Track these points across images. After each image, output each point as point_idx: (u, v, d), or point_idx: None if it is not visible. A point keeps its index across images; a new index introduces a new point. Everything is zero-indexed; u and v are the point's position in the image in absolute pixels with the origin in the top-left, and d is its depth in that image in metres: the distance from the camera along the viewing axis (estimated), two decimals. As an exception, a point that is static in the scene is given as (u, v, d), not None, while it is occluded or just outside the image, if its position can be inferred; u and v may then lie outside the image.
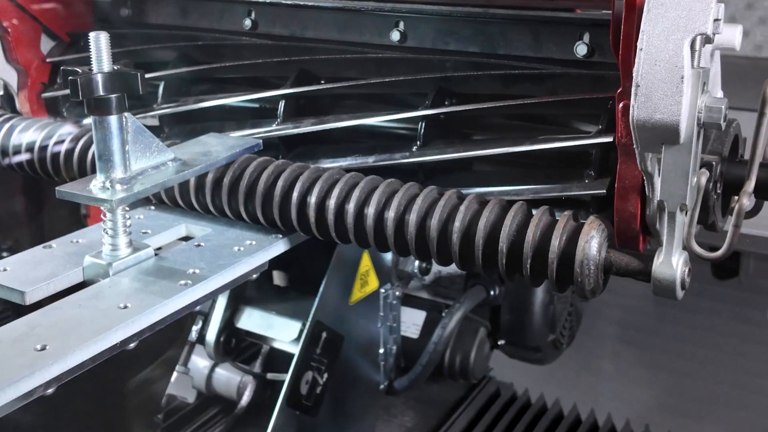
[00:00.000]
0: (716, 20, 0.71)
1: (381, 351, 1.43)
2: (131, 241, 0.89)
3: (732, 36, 0.79)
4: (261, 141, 1.01)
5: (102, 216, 0.87)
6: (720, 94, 0.94)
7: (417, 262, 1.49)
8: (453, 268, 1.13)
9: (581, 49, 0.97)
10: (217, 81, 1.26)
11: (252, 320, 1.40)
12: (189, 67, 1.22)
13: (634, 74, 0.71)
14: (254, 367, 1.47)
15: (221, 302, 1.39)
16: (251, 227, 1.00)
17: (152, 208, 1.06)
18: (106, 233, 0.88)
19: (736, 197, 0.90)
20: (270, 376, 1.45)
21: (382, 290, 1.38)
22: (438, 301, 1.65)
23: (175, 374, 1.48)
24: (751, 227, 1.11)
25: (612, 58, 0.81)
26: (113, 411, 1.55)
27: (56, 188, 0.86)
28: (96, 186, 0.85)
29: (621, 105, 0.77)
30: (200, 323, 1.42)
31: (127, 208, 0.88)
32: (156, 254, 0.91)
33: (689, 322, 2.32)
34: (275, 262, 1.18)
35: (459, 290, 1.63)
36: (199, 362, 1.50)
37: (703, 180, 0.81)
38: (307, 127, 1.09)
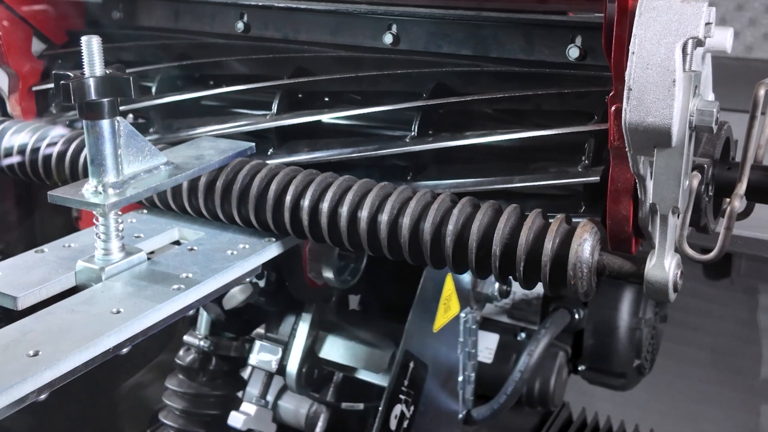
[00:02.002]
0: (707, 24, 0.71)
1: (460, 379, 1.35)
2: (124, 245, 0.89)
3: (723, 39, 0.79)
4: (254, 144, 1.01)
5: (94, 220, 0.87)
6: (711, 96, 0.95)
7: (497, 284, 1.41)
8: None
9: (573, 52, 0.98)
10: (209, 80, 1.25)
11: (335, 349, 1.35)
12: (180, 62, 1.22)
13: (626, 78, 0.71)
14: (326, 396, 1.41)
15: (302, 330, 1.35)
16: (244, 231, 0.99)
17: (144, 212, 1.06)
18: (99, 237, 0.87)
19: (728, 199, 0.90)
20: (345, 405, 1.40)
21: (462, 314, 1.32)
22: (511, 323, 1.58)
23: (253, 407, 1.44)
24: (743, 229, 1.12)
25: (604, 61, 0.81)
26: (104, 415, 1.54)
27: (48, 193, 0.85)
28: (88, 190, 0.85)
29: (613, 108, 0.77)
30: (280, 353, 1.38)
31: (120, 213, 0.88)
32: (149, 258, 0.91)
33: (681, 322, 2.33)
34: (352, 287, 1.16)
35: (535, 312, 1.57)
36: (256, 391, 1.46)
37: (695, 183, 0.81)
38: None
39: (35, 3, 1.30)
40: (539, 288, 0.83)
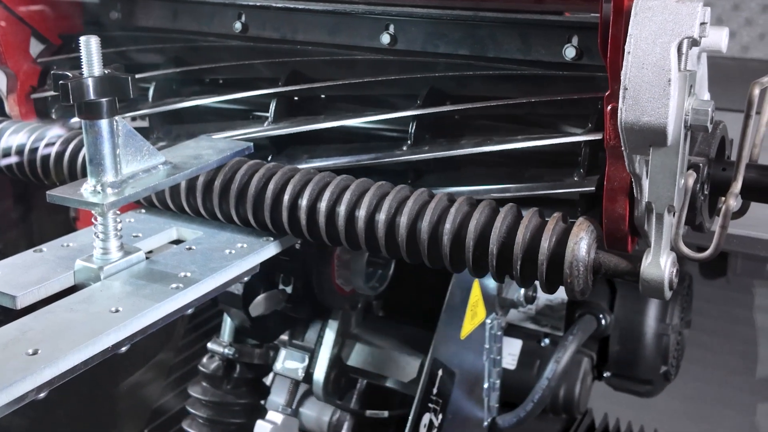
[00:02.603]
0: (703, 24, 0.72)
1: (485, 386, 1.34)
2: (122, 244, 0.89)
3: (718, 38, 0.80)
4: (252, 144, 1.01)
5: (93, 220, 0.87)
6: (707, 95, 0.95)
7: (522, 290, 1.39)
8: (553, 294, 1.12)
9: (570, 52, 0.98)
10: (207, 83, 1.26)
11: (363, 357, 1.33)
12: (179, 68, 1.22)
13: (621, 77, 0.72)
14: (350, 403, 1.40)
15: (329, 337, 1.34)
16: (242, 230, 1.00)
17: (143, 211, 1.06)
18: (97, 237, 0.88)
19: (723, 198, 0.91)
20: (369, 413, 1.38)
21: (488, 321, 1.30)
22: (534, 329, 1.56)
23: (280, 416, 1.41)
24: (738, 227, 1.12)
25: (600, 61, 0.81)
26: (103, 414, 1.54)
27: (47, 192, 0.85)
28: (87, 190, 0.85)
29: (609, 107, 0.77)
30: (306, 360, 1.36)
31: (118, 212, 0.88)
32: (147, 258, 0.91)
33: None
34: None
35: (559, 318, 1.55)
36: (278, 399, 1.44)
37: (691, 181, 0.82)
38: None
39: (33, 3, 1.30)
40: (563, 293, 0.83)
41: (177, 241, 1.01)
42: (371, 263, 1.24)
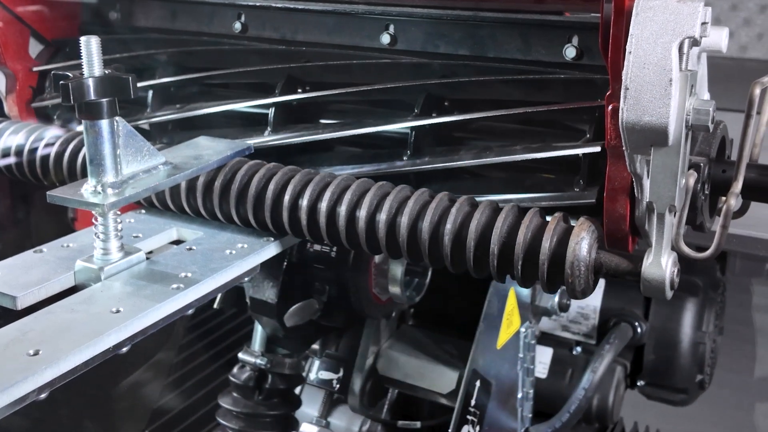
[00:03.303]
0: (704, 23, 0.72)
1: (519, 395, 1.31)
2: (123, 245, 0.89)
3: (718, 38, 0.80)
4: (252, 144, 1.01)
5: (93, 220, 0.87)
6: (707, 95, 0.95)
7: (557, 299, 1.37)
8: (584, 302, 1.09)
9: (570, 52, 0.98)
10: (207, 86, 1.25)
11: (399, 368, 1.30)
12: (178, 74, 1.21)
13: (623, 77, 0.72)
14: (381, 413, 1.37)
15: (365, 348, 1.31)
16: (242, 230, 1.00)
17: (143, 211, 1.06)
18: (98, 237, 0.87)
19: (724, 198, 0.91)
20: (401, 424, 1.36)
21: (522, 329, 1.28)
22: (564, 337, 1.53)
23: (314, 428, 1.39)
24: (737, 227, 1.12)
25: (600, 61, 0.81)
26: (103, 413, 1.54)
27: (47, 193, 0.85)
28: (87, 190, 0.85)
29: (610, 107, 0.77)
30: (341, 371, 1.34)
31: (119, 212, 0.88)
32: (147, 258, 0.91)
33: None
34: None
35: (591, 326, 1.53)
36: (309, 411, 1.41)
37: (692, 181, 0.82)
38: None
39: (32, 3, 1.30)
40: (595, 301, 0.83)
41: (177, 242, 1.01)
42: (409, 272, 1.21)
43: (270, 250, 0.97)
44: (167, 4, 1.28)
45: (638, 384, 1.57)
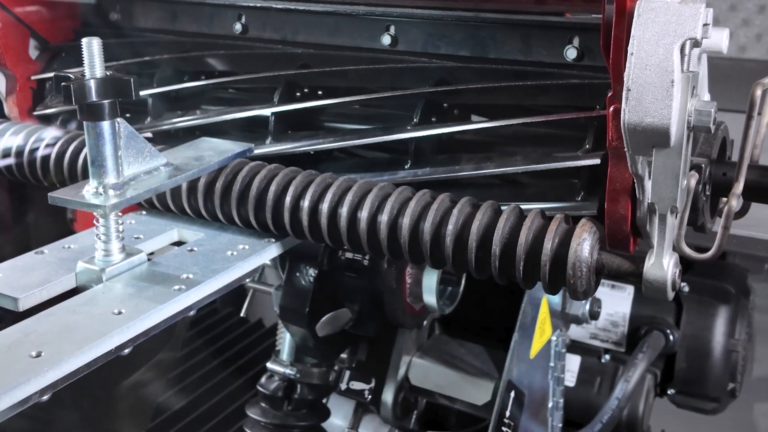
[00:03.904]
0: (705, 25, 0.72)
1: (549, 405, 1.28)
2: (124, 246, 0.89)
3: (719, 39, 0.80)
4: (253, 145, 1.01)
5: (95, 222, 0.87)
6: (707, 96, 0.95)
7: (587, 306, 1.36)
8: (613, 309, 1.07)
9: (571, 53, 0.98)
10: (208, 90, 1.25)
11: (431, 378, 1.28)
12: (178, 78, 1.22)
13: (624, 78, 0.72)
14: (410, 423, 1.36)
15: (397, 358, 1.29)
16: (244, 231, 1.00)
17: (143, 213, 1.06)
18: (99, 239, 0.87)
19: (725, 199, 0.91)
20: None
21: (553, 338, 1.26)
22: (592, 344, 1.51)
23: None
24: (737, 228, 1.12)
25: (601, 62, 0.81)
26: (104, 413, 1.54)
27: (49, 194, 0.85)
28: (89, 192, 0.85)
29: (612, 108, 0.77)
30: (373, 382, 1.31)
31: (120, 214, 0.88)
32: (149, 259, 0.91)
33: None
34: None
35: (621, 334, 1.51)
36: (336, 421, 1.39)
37: (693, 182, 0.82)
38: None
39: (33, 4, 1.29)
40: (625, 308, 0.83)
41: (178, 243, 1.01)
42: (443, 281, 1.19)
43: (271, 251, 0.97)
44: (167, 5, 1.28)
45: (668, 392, 1.55)
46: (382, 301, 1.18)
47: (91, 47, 0.81)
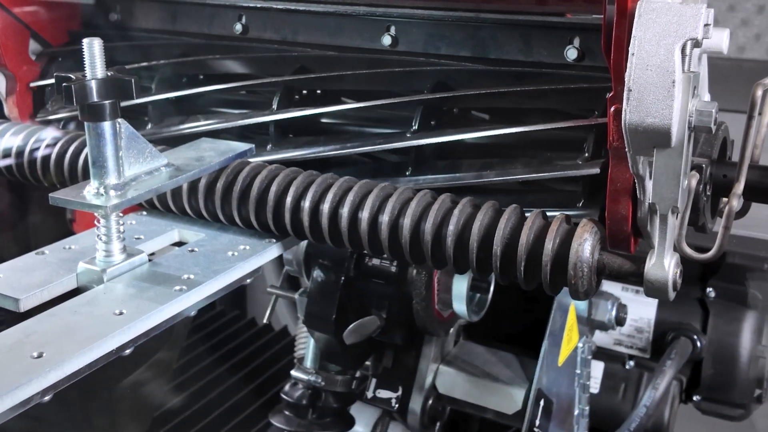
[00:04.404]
0: (706, 25, 0.72)
1: (575, 413, 1.26)
2: (125, 247, 0.89)
3: (720, 40, 0.80)
4: (254, 146, 1.01)
5: (96, 222, 0.87)
6: (707, 96, 0.95)
7: (614, 312, 1.34)
8: (637, 315, 1.05)
9: (571, 53, 0.98)
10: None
11: (459, 386, 1.26)
12: (177, 81, 1.22)
13: (626, 79, 0.72)
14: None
15: (424, 365, 1.27)
16: (244, 232, 1.00)
17: (144, 213, 1.06)
18: (100, 239, 0.87)
19: (725, 199, 0.91)
20: None
21: (580, 344, 1.25)
22: (615, 350, 1.49)
23: None
24: (737, 228, 1.12)
25: (602, 62, 0.82)
26: (103, 413, 1.54)
27: (50, 195, 0.85)
28: (90, 192, 0.85)
29: (613, 109, 0.77)
30: (400, 390, 1.28)
31: (121, 214, 0.88)
32: (150, 260, 0.91)
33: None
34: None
35: (645, 340, 1.49)
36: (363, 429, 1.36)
37: (694, 182, 0.82)
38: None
39: (32, 4, 1.29)
40: (649, 314, 0.82)
41: (179, 243, 1.01)
42: (473, 287, 1.18)
43: (272, 251, 0.97)
44: (167, 6, 1.28)
45: (694, 399, 1.53)
46: (411, 308, 1.16)
47: (92, 48, 0.81)
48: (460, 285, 1.17)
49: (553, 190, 0.98)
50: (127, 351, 0.79)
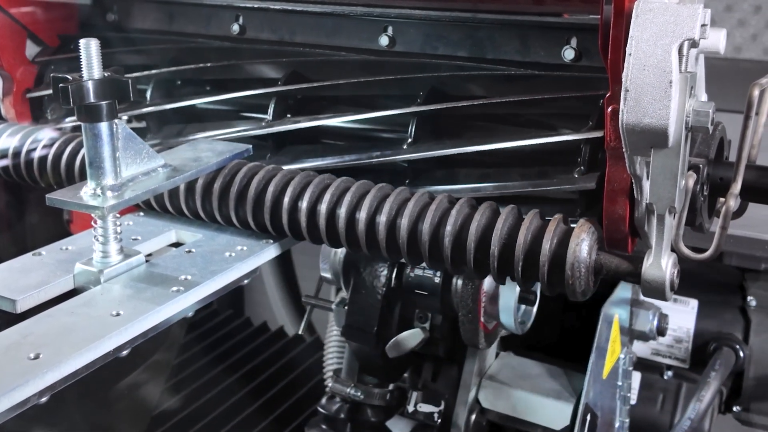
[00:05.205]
0: (703, 25, 0.72)
1: (616, 425, 1.23)
2: (122, 247, 0.89)
3: (717, 40, 0.80)
4: (251, 146, 1.01)
5: (93, 223, 0.87)
6: (704, 96, 0.96)
7: (655, 322, 1.32)
8: (676, 324, 1.04)
9: (569, 54, 0.98)
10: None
11: (504, 400, 1.22)
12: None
13: (623, 79, 0.72)
14: None
15: (468, 379, 1.24)
16: (242, 233, 0.99)
17: (141, 214, 1.06)
18: (97, 240, 0.87)
19: (722, 199, 0.91)
20: None
21: (621, 355, 1.22)
22: (652, 360, 1.46)
23: None
24: (734, 228, 1.12)
25: (599, 62, 0.82)
26: (100, 415, 1.54)
27: (47, 195, 0.85)
28: (87, 193, 0.85)
29: (610, 109, 0.78)
30: (442, 404, 1.25)
31: (118, 215, 0.88)
32: (147, 261, 0.91)
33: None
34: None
35: (685, 350, 1.46)
36: None
37: (691, 182, 0.82)
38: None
39: (29, 5, 1.29)
40: (688, 323, 0.81)
41: (176, 244, 1.01)
42: (521, 299, 1.15)
43: (269, 252, 0.97)
44: (165, 6, 1.28)
45: (734, 409, 1.50)
46: (456, 320, 1.14)
47: (89, 48, 0.81)
48: (509, 297, 1.14)
49: (551, 200, 0.98)
50: (125, 352, 0.79)
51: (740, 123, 0.82)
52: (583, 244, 0.80)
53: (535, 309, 1.19)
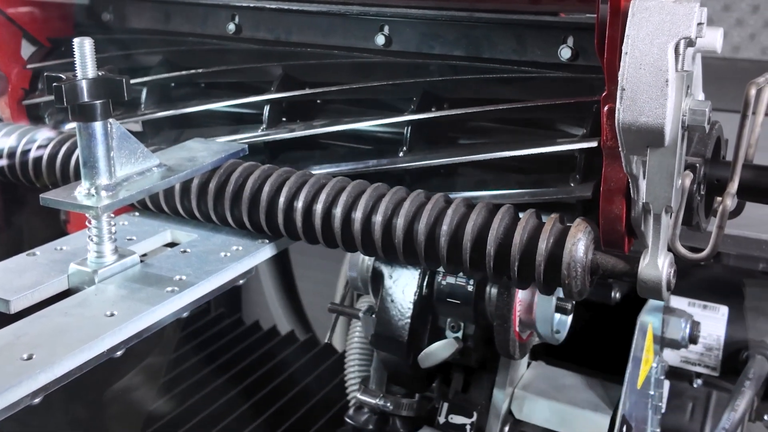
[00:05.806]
0: (699, 24, 0.72)
1: None
2: (116, 248, 0.88)
3: (713, 39, 0.80)
4: (246, 146, 1.01)
5: (87, 223, 0.86)
6: (701, 96, 0.95)
7: (687, 330, 1.30)
8: (706, 332, 1.08)
9: (565, 53, 0.98)
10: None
11: (539, 412, 1.19)
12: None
13: (619, 78, 0.72)
14: None
15: (500, 390, 1.21)
16: (237, 233, 0.99)
17: (136, 214, 1.05)
18: (91, 240, 0.87)
19: (719, 198, 0.91)
20: None
21: (654, 364, 1.20)
22: (681, 368, 1.43)
23: None
24: (731, 227, 1.12)
25: (595, 61, 0.81)
26: (94, 418, 1.53)
27: (41, 195, 0.85)
28: (81, 193, 0.84)
29: (606, 108, 0.77)
30: (474, 415, 1.21)
31: (112, 215, 0.87)
32: (141, 261, 0.91)
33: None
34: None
35: (715, 357, 1.43)
36: None
37: (688, 182, 0.82)
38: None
39: (24, 5, 1.29)
40: (719, 330, 0.80)
41: (171, 244, 1.00)
42: (557, 308, 1.12)
43: (265, 252, 0.97)
44: (160, 6, 1.28)
45: (765, 418, 1.46)
46: (490, 329, 1.11)
47: (83, 47, 0.81)
48: (546, 307, 1.11)
49: (549, 208, 0.97)
50: (119, 353, 0.78)
51: (738, 122, 0.82)
52: (579, 244, 0.80)
53: (570, 319, 1.16)
